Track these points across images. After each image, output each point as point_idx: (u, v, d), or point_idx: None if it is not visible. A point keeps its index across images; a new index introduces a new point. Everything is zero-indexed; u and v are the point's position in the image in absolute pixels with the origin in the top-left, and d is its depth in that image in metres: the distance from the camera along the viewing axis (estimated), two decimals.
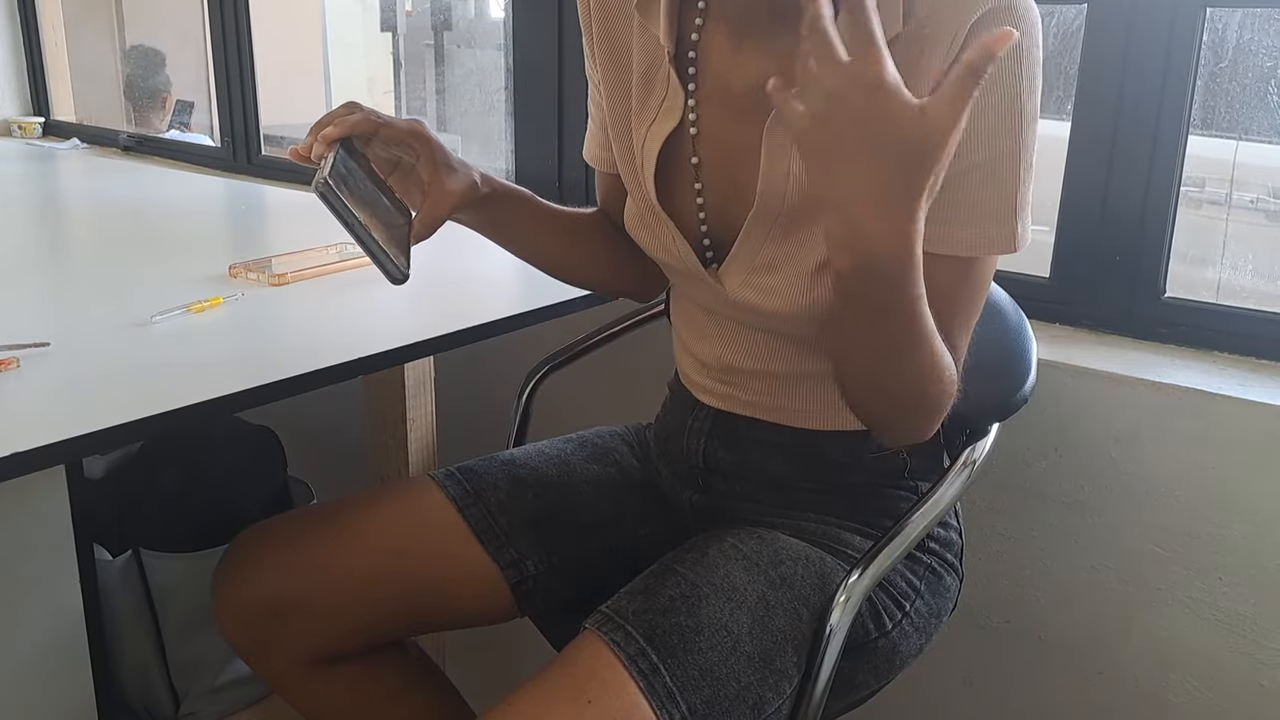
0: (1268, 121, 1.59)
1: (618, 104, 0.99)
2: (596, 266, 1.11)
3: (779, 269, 0.91)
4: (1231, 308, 1.24)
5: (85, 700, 1.15)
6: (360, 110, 0.91)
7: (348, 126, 0.89)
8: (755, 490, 1.03)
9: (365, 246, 0.84)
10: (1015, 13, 0.79)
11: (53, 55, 2.90)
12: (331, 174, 0.82)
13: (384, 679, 1.10)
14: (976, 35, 0.79)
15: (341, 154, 0.88)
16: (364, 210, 0.85)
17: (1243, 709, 1.18)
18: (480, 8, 5.09)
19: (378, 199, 0.90)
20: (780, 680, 0.87)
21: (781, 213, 0.89)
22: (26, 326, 1.15)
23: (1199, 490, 1.16)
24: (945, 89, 0.65)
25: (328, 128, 0.89)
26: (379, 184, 0.93)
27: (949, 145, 0.67)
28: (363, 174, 0.90)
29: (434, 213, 0.93)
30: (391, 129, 0.92)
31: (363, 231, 0.83)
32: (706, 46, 0.92)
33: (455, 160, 0.95)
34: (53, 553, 1.10)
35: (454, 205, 0.94)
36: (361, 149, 0.93)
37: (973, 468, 1.00)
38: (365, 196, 0.88)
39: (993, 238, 0.84)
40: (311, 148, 0.89)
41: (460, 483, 1.09)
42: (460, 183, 0.94)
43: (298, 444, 1.58)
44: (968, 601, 1.31)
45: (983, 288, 0.89)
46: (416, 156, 0.93)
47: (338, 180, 0.83)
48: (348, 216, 0.82)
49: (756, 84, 0.88)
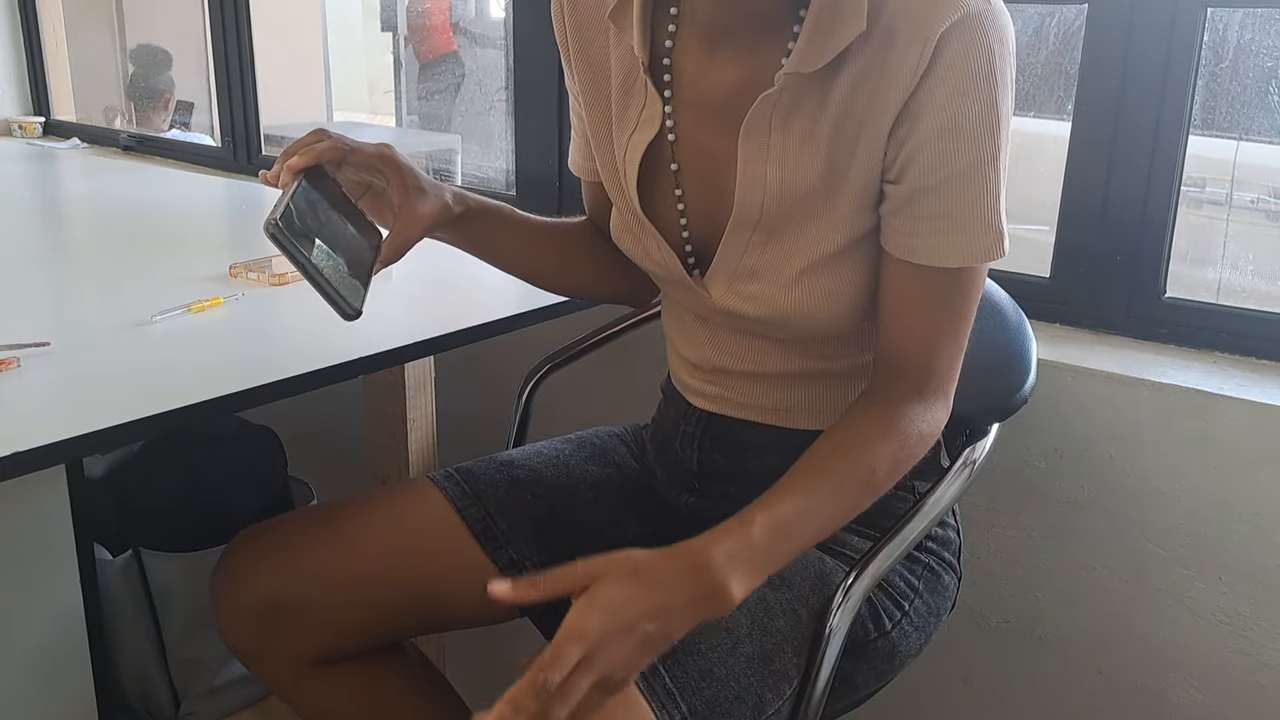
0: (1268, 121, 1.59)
1: (598, 115, 0.99)
2: (584, 276, 1.11)
3: (761, 276, 0.91)
4: (1231, 308, 1.24)
5: (85, 700, 1.15)
6: (328, 138, 0.91)
7: (314, 155, 0.89)
8: (751, 492, 1.02)
9: (316, 285, 0.83)
10: (986, 20, 0.79)
11: (53, 55, 2.90)
12: (284, 214, 0.82)
13: (383, 680, 1.10)
14: (948, 42, 0.79)
15: (304, 185, 0.88)
16: (321, 241, 0.85)
17: (1243, 709, 1.18)
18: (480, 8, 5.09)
19: (342, 228, 0.90)
20: (780, 681, 0.87)
21: (760, 219, 0.89)
22: (26, 326, 1.15)
23: (1199, 490, 1.16)
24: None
25: (293, 158, 0.89)
26: (347, 209, 0.93)
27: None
28: (327, 202, 0.90)
29: (403, 235, 0.93)
30: (360, 154, 0.92)
31: (313, 270, 0.82)
32: (681, 55, 0.92)
33: (426, 182, 0.95)
34: (53, 553, 1.11)
35: (425, 228, 0.94)
36: (332, 174, 0.93)
37: (973, 468, 1.00)
38: (328, 228, 0.88)
39: (977, 246, 0.85)
40: (280, 176, 0.89)
41: (459, 484, 1.09)
42: (431, 205, 0.94)
43: (298, 444, 1.58)
44: (967, 601, 1.31)
45: (972, 300, 0.88)
46: (387, 180, 0.94)
47: (290, 218, 0.83)
48: (298, 256, 0.82)
49: (730, 91, 0.89)
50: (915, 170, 0.83)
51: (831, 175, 0.87)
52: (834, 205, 0.87)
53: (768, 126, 0.86)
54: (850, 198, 0.87)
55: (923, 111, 0.81)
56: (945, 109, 0.81)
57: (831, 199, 0.87)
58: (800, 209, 0.88)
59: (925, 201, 0.84)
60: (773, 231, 0.90)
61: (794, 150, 0.86)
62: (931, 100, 0.81)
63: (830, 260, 0.89)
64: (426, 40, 4.72)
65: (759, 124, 0.86)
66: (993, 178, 0.83)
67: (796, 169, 0.87)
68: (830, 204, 0.87)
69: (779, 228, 0.89)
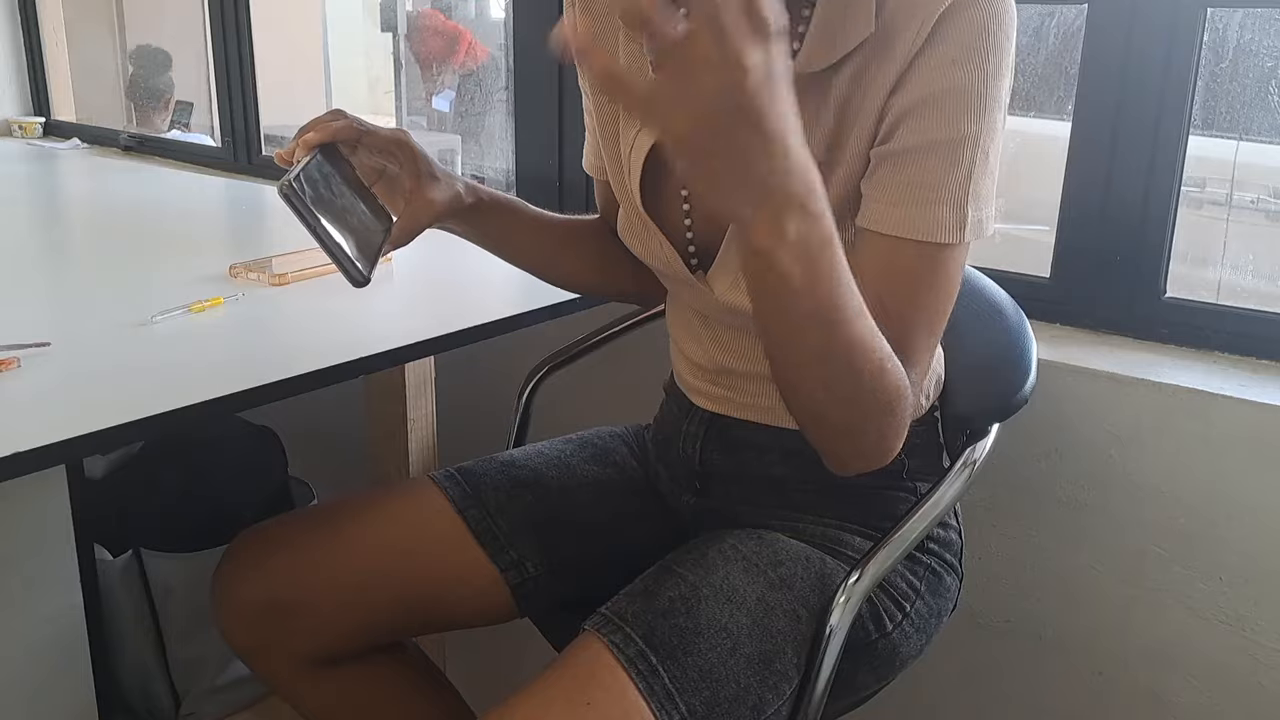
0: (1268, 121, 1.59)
1: (606, 114, 0.99)
2: (591, 273, 1.11)
3: None
4: (1231, 308, 1.24)
5: (85, 700, 1.15)
6: (345, 118, 0.92)
7: (330, 133, 0.90)
8: (753, 493, 1.03)
9: (325, 247, 0.84)
10: (987, 1, 0.79)
11: (53, 55, 2.90)
12: (298, 177, 0.83)
13: (384, 680, 1.10)
14: (945, 19, 0.79)
15: (318, 159, 0.89)
16: (331, 213, 0.86)
17: (1243, 709, 1.18)
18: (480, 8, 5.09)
19: (353, 205, 0.91)
20: (780, 681, 0.87)
21: None
22: (27, 326, 1.15)
23: (1199, 490, 1.16)
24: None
25: (309, 133, 0.90)
26: (359, 190, 0.93)
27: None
28: (341, 180, 0.91)
29: (413, 220, 0.94)
30: (375, 137, 0.93)
31: (323, 233, 0.83)
32: None
33: (440, 171, 0.96)
34: (53, 553, 1.11)
35: (435, 215, 0.95)
36: (347, 155, 0.94)
37: (973, 468, 1.00)
38: (339, 201, 0.88)
39: (945, 222, 0.82)
40: (294, 152, 0.90)
41: (460, 484, 1.09)
42: (443, 193, 0.95)
43: (298, 444, 1.58)
44: (968, 601, 1.31)
45: (946, 287, 0.85)
46: (400, 165, 0.94)
47: (304, 183, 0.84)
48: (309, 218, 0.83)
49: None
50: (897, 135, 0.82)
51: (830, 165, 0.86)
52: (832, 193, 0.87)
53: None
54: (848, 183, 0.86)
55: (913, 79, 0.81)
56: (934, 77, 0.80)
57: (830, 187, 0.87)
58: None
59: (899, 167, 0.82)
60: None
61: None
62: (923, 68, 0.80)
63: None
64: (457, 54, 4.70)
65: None
66: (969, 157, 0.81)
67: None
68: (830, 192, 0.87)
69: None
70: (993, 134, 0.82)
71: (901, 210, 0.82)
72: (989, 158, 0.82)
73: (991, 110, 0.80)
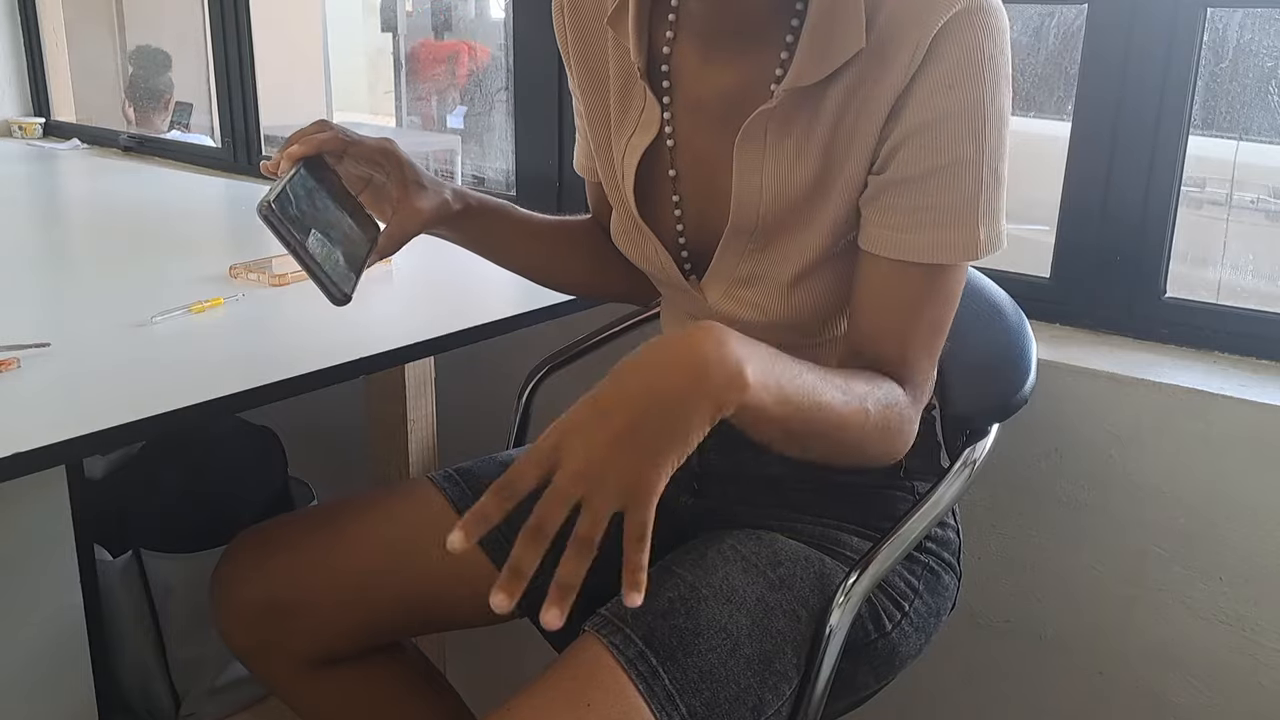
0: (1268, 121, 1.59)
1: (597, 117, 0.99)
2: (584, 275, 1.12)
3: (756, 283, 0.92)
4: (1231, 308, 1.24)
5: (85, 700, 1.15)
6: (330, 129, 0.92)
7: (314, 145, 0.90)
8: (751, 493, 1.03)
9: (305, 266, 0.84)
10: (978, 17, 0.79)
11: (53, 55, 2.90)
12: (278, 197, 0.83)
13: (383, 681, 1.10)
14: (940, 39, 0.79)
15: (302, 173, 0.88)
16: (315, 228, 0.85)
17: (1243, 709, 1.18)
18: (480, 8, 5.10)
19: (338, 217, 0.91)
20: (780, 682, 0.87)
21: (757, 227, 0.89)
22: (26, 326, 1.15)
23: (1199, 490, 1.16)
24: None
25: (293, 146, 0.90)
26: (345, 201, 0.93)
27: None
28: (326, 192, 0.91)
29: (400, 229, 0.94)
30: (361, 147, 0.93)
31: (303, 253, 0.83)
32: (679, 59, 0.92)
33: (426, 178, 0.96)
34: (53, 553, 1.11)
35: (422, 223, 0.95)
36: (333, 165, 0.93)
37: (973, 468, 1.00)
38: (324, 215, 0.88)
39: (953, 244, 0.83)
40: (279, 165, 0.90)
41: (459, 484, 1.09)
42: (429, 201, 0.95)
43: (298, 444, 1.58)
44: (968, 601, 1.31)
45: (949, 302, 0.87)
46: (387, 174, 0.94)
47: (286, 201, 0.83)
48: (288, 238, 0.82)
49: (726, 95, 0.89)
50: (897, 162, 0.83)
51: (825, 182, 0.87)
52: (828, 210, 0.87)
53: (763, 138, 0.86)
54: (845, 200, 0.87)
55: (910, 105, 0.81)
56: (931, 102, 0.80)
57: (826, 204, 0.87)
58: (795, 216, 0.88)
59: (902, 194, 0.83)
60: (768, 239, 0.90)
61: (789, 161, 0.87)
62: (919, 93, 0.80)
63: (824, 265, 0.89)
64: (460, 72, 4.71)
65: (754, 136, 0.86)
66: (973, 178, 0.81)
67: (791, 178, 0.87)
68: (825, 209, 0.87)
69: (774, 235, 0.90)
70: (999, 149, 0.82)
71: (906, 236, 0.83)
72: (998, 172, 0.83)
73: (995, 128, 0.81)
